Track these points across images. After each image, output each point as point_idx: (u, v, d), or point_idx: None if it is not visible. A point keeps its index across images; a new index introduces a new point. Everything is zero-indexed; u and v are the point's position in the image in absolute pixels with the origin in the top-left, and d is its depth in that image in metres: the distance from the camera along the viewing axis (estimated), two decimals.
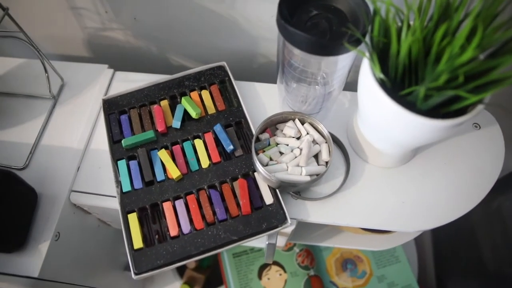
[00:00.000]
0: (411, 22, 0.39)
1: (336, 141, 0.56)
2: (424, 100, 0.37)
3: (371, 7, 0.40)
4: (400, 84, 0.40)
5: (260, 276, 0.82)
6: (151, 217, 0.50)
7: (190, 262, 0.46)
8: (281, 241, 0.58)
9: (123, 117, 0.58)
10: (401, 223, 0.49)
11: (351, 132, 0.55)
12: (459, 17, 0.34)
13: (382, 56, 0.40)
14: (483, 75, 0.35)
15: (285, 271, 0.82)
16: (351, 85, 0.58)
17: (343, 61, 0.45)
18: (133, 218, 0.49)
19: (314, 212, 0.51)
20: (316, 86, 0.50)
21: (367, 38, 0.40)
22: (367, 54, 0.40)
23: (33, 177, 0.53)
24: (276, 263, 0.84)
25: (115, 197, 0.51)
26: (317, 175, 0.49)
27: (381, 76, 0.38)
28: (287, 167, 0.49)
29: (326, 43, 0.40)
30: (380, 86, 0.39)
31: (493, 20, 0.33)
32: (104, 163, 0.55)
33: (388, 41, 0.37)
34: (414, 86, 0.37)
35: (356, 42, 0.40)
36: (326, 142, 0.51)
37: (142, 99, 0.60)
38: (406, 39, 0.35)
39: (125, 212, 0.50)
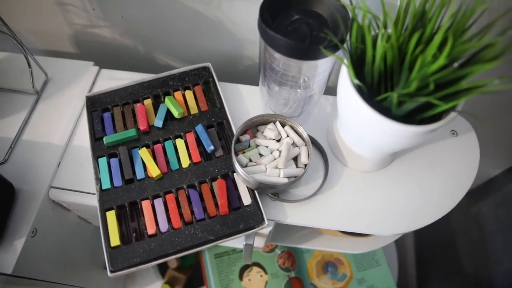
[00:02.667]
0: (389, 30, 0.40)
1: (315, 144, 0.57)
2: (398, 106, 0.38)
3: (351, 14, 0.41)
4: (376, 90, 0.40)
5: (241, 277, 0.82)
6: (129, 215, 0.50)
7: (172, 261, 0.46)
8: (259, 242, 0.58)
9: (106, 115, 0.58)
10: (378, 227, 0.50)
11: (331, 136, 0.56)
12: (432, 27, 0.35)
13: (359, 62, 0.41)
14: (454, 84, 0.36)
15: (266, 273, 0.82)
16: (333, 89, 0.58)
17: (323, 65, 0.46)
18: (111, 215, 0.49)
19: (292, 214, 0.51)
20: (298, 90, 0.51)
21: (346, 44, 0.41)
22: (345, 60, 0.40)
23: (12, 172, 0.52)
24: (257, 264, 0.84)
25: (94, 194, 0.51)
26: (295, 177, 0.49)
27: (357, 82, 0.39)
28: (266, 168, 0.49)
29: (306, 48, 0.40)
30: (357, 92, 0.40)
31: (463, 33, 0.34)
32: (85, 160, 0.55)
33: (365, 48, 0.38)
34: (389, 92, 0.38)
35: (335, 48, 0.41)
36: (305, 145, 0.52)
37: (126, 98, 0.60)
38: (380, 46, 0.35)
39: (104, 210, 0.50)
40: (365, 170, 0.55)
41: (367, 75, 0.40)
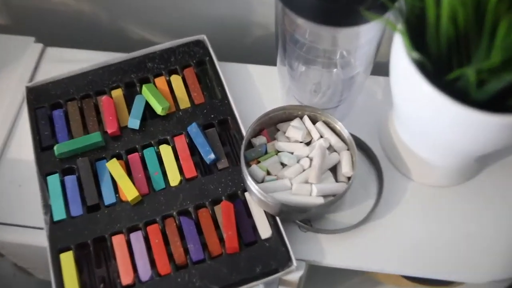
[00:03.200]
0: None
1: (363, 147, 0.59)
2: (478, 87, 0.40)
3: None
4: (446, 65, 0.42)
5: None
6: (94, 258, 0.53)
7: None
8: None
9: (57, 113, 0.61)
10: (467, 270, 0.52)
11: (385, 135, 0.58)
12: None
13: (419, 27, 0.42)
14: None
15: None
16: (384, 67, 0.61)
17: (368, 33, 0.49)
18: (67, 259, 0.52)
19: (332, 250, 0.53)
20: (333, 70, 0.54)
21: (398, 2, 0.42)
22: (398, 25, 0.42)
23: None
24: None
25: (42, 228, 0.54)
26: (334, 195, 0.51)
27: (416, 55, 0.41)
28: (291, 184, 0.52)
29: (341, 9, 0.42)
30: (418, 69, 0.42)
31: None
32: (26, 179, 0.58)
33: (425, 5, 0.41)
34: (464, 67, 0.40)
35: (383, 8, 0.43)
36: (348, 149, 0.54)
37: (85, 88, 0.63)
38: (447, 0, 0.38)
39: (56, 251, 0.52)
40: (439, 185, 0.56)
41: (430, 45, 0.42)
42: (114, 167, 0.56)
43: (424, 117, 0.45)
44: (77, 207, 0.55)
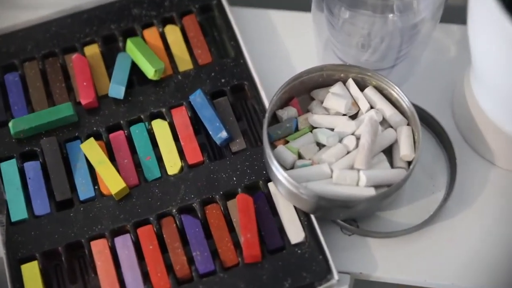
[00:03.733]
0: None
1: (429, 122, 0.64)
2: None
3: None
4: None
5: None
6: (67, 271, 0.59)
7: None
8: None
9: (10, 78, 0.67)
10: None
11: (461, 104, 0.63)
12: None
13: None
14: None
15: None
16: (459, 11, 0.64)
17: None
18: (30, 271, 0.58)
19: (385, 260, 0.59)
20: (389, 15, 0.59)
21: None
22: None
23: None
24: None
25: None
26: (388, 186, 0.57)
27: None
28: (331, 171, 0.58)
29: None
30: (505, 10, 0.46)
31: None
32: None
33: None
34: None
35: None
36: (408, 125, 0.60)
37: (48, 43, 0.69)
38: None
39: (16, 261, 0.58)
40: None
41: None
42: (91, 149, 0.62)
43: None
44: (42, 203, 0.61)
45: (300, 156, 0.59)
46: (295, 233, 0.59)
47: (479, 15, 0.51)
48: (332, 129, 0.60)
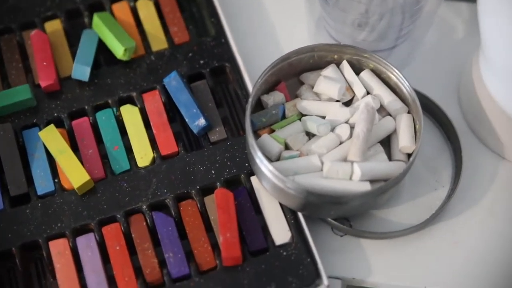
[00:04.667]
0: None
1: (432, 110, 0.64)
2: None
3: None
4: None
5: None
6: (22, 275, 0.58)
7: None
8: None
9: None
10: None
11: (468, 91, 0.63)
12: None
13: None
14: None
15: None
16: None
17: None
18: None
19: (380, 264, 0.59)
20: None
21: None
22: None
23: None
24: None
25: None
26: (385, 180, 0.56)
27: None
28: (322, 163, 0.57)
29: None
30: None
31: None
32: None
33: None
34: None
35: None
36: (408, 112, 0.60)
37: (3, 18, 0.68)
38: None
39: None
40: None
41: None
42: (51, 138, 0.61)
43: None
44: None
45: (287, 147, 0.59)
46: (280, 233, 0.58)
47: None
48: (324, 117, 0.59)
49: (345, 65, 0.61)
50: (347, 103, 0.61)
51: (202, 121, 0.62)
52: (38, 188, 0.61)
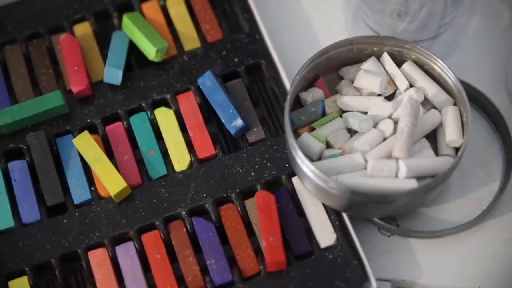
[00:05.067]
0: None
1: (480, 101, 0.64)
2: None
3: None
4: None
5: None
6: (62, 285, 0.59)
7: None
8: None
9: None
10: None
11: None
12: None
13: None
14: None
15: None
16: None
17: None
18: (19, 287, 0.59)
19: (431, 264, 0.59)
20: None
21: None
22: None
23: None
24: None
25: None
26: (433, 177, 0.56)
27: None
28: (366, 161, 0.57)
29: None
30: None
31: None
32: None
33: None
34: None
35: None
36: (454, 104, 0.60)
37: (32, 22, 0.69)
38: None
39: (2, 276, 0.59)
40: None
41: None
42: (85, 145, 0.62)
43: None
44: (31, 209, 0.61)
45: (328, 145, 0.59)
46: (325, 235, 0.59)
47: None
48: (366, 113, 0.60)
49: (385, 57, 0.61)
50: (390, 97, 0.61)
51: (239, 122, 0.62)
52: (75, 197, 0.62)
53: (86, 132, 0.63)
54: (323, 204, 0.60)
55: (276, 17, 0.69)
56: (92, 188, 0.62)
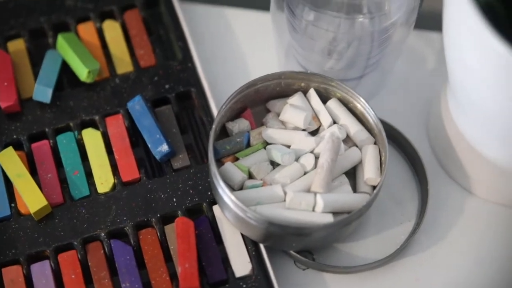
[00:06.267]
0: None
1: (399, 141, 0.66)
2: None
3: None
4: None
5: None
6: None
7: None
8: None
9: None
10: None
11: (436, 124, 0.64)
12: None
13: None
14: None
15: None
16: (437, 16, 0.64)
17: None
18: None
19: None
20: (359, 18, 0.60)
21: None
22: None
23: None
24: None
25: None
26: (349, 212, 0.57)
27: None
28: (285, 193, 0.58)
29: None
30: (486, 18, 0.47)
31: None
32: None
33: None
34: None
35: None
36: (375, 143, 0.61)
37: None
38: None
39: None
40: None
41: None
42: (9, 160, 0.62)
43: (497, 96, 0.51)
44: None
45: (250, 176, 0.60)
46: (241, 264, 0.59)
47: (454, 21, 0.52)
48: (289, 146, 0.61)
49: (312, 93, 0.62)
50: (314, 132, 0.62)
51: (165, 147, 0.62)
52: None
53: (10, 148, 0.63)
54: (242, 234, 0.60)
55: (209, 47, 0.70)
56: (12, 205, 0.62)
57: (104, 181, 0.63)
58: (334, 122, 0.62)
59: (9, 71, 0.66)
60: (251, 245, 0.60)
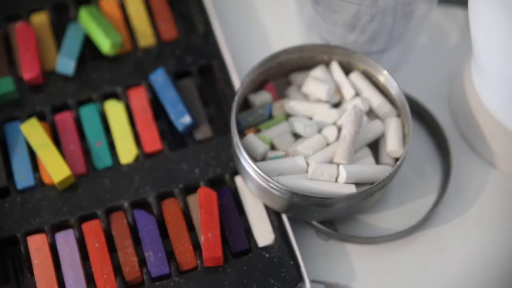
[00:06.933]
0: None
1: (422, 114, 0.66)
2: None
3: None
4: None
5: None
6: None
7: None
8: None
9: None
10: None
11: (459, 97, 0.64)
12: None
13: None
14: None
15: None
16: None
17: None
18: None
19: (366, 270, 0.60)
20: None
21: None
22: None
23: None
24: None
25: None
26: (371, 184, 0.57)
27: None
28: (307, 164, 0.59)
29: None
30: None
31: None
32: None
33: None
34: None
35: None
36: (398, 116, 0.61)
37: None
38: None
39: None
40: None
41: None
42: (33, 131, 0.63)
43: None
44: None
45: (273, 147, 0.60)
46: (263, 234, 0.60)
47: None
48: (311, 118, 0.61)
49: (334, 66, 0.63)
50: (336, 105, 0.62)
51: (187, 119, 0.63)
52: (18, 182, 0.62)
53: (34, 119, 0.63)
54: (264, 205, 0.61)
55: (231, 21, 0.70)
56: (36, 175, 0.62)
57: (127, 152, 0.63)
58: (357, 95, 0.62)
59: (32, 44, 0.66)
60: (274, 216, 0.60)
